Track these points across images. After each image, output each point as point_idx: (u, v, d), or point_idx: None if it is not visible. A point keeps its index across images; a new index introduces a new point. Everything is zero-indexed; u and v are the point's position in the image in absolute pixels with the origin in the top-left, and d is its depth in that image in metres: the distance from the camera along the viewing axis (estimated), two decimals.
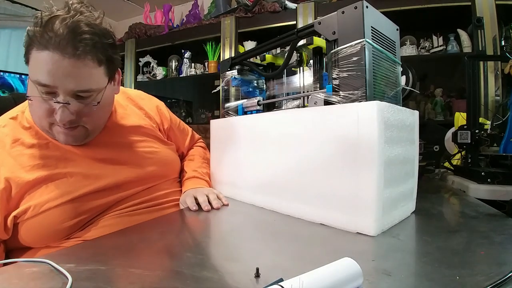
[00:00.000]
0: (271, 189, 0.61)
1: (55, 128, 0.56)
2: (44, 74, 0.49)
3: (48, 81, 0.49)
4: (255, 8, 1.95)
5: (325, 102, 0.54)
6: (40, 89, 0.50)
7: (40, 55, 0.49)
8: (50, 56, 0.48)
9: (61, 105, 0.51)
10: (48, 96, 0.51)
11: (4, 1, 2.24)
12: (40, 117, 0.54)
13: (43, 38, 0.49)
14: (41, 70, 0.49)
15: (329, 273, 0.27)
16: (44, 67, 0.49)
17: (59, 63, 0.49)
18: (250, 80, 0.84)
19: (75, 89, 0.51)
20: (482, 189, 0.77)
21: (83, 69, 0.51)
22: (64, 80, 0.50)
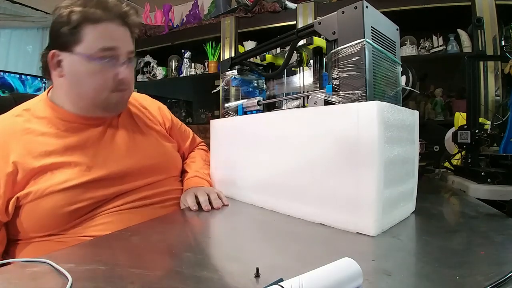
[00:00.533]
0: (271, 189, 0.61)
1: (112, 96, 0.63)
2: (108, 40, 0.60)
3: (113, 44, 0.60)
4: (255, 8, 1.95)
5: (325, 102, 0.54)
6: (103, 54, 0.59)
7: (99, 27, 0.59)
8: (109, 25, 0.60)
9: (125, 65, 0.63)
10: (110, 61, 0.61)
11: (4, 1, 2.24)
12: (102, 86, 0.61)
13: (98, 14, 0.59)
14: (104, 38, 0.59)
15: (329, 273, 0.27)
16: (106, 34, 0.60)
17: (117, 30, 0.61)
18: (250, 80, 0.84)
19: (129, 49, 0.64)
20: (482, 189, 0.77)
21: (127, 34, 0.64)
22: (123, 42, 0.62)
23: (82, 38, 0.58)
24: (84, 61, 0.59)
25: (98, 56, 0.59)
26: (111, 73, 0.61)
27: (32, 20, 2.41)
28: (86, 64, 0.59)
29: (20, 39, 2.40)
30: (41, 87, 2.11)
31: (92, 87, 0.61)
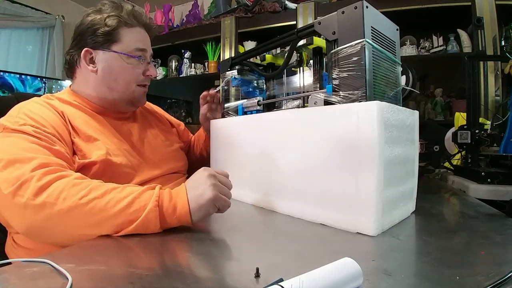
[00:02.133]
0: (271, 189, 0.61)
1: (138, 90, 0.73)
2: (141, 42, 0.72)
3: (144, 46, 0.72)
4: (255, 8, 1.95)
5: (325, 102, 0.54)
6: (137, 54, 0.70)
7: (133, 30, 0.71)
8: (140, 30, 0.73)
9: (151, 63, 0.74)
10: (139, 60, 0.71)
11: (4, 1, 2.24)
12: (131, 81, 0.71)
13: (132, 20, 0.71)
14: (138, 41, 0.71)
15: (329, 273, 0.27)
16: (139, 38, 0.72)
17: (145, 35, 0.74)
18: (250, 80, 0.84)
19: (152, 52, 0.76)
20: (482, 189, 0.77)
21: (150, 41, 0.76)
22: (148, 45, 0.74)
23: (120, 39, 0.69)
24: (121, 58, 0.69)
25: (133, 54, 0.70)
26: (141, 70, 0.72)
27: (32, 20, 2.41)
28: (123, 61, 0.69)
29: (20, 39, 2.40)
30: (41, 87, 2.11)
31: (125, 80, 0.70)
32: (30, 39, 2.46)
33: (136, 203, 0.46)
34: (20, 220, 0.47)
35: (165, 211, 0.47)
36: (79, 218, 0.45)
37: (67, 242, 0.47)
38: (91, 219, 0.45)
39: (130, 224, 0.45)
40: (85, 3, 2.78)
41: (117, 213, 0.45)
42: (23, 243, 0.58)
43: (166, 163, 0.76)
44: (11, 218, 0.49)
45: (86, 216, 0.45)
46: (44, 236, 0.49)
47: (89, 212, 0.45)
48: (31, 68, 2.42)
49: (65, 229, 0.47)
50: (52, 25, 2.53)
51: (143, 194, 0.47)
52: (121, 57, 0.69)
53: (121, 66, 0.69)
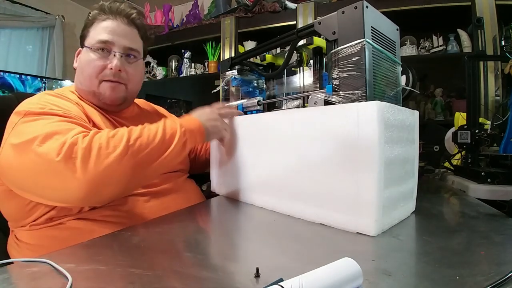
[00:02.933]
0: (271, 189, 0.61)
1: (103, 85, 0.69)
2: (105, 34, 0.68)
3: (108, 38, 0.68)
4: (255, 8, 1.95)
5: (325, 102, 0.54)
6: (99, 46, 0.68)
7: (102, 23, 0.69)
8: (111, 22, 0.69)
9: (117, 56, 0.68)
10: (104, 53, 0.68)
11: (4, 1, 2.23)
12: (92, 75, 0.68)
13: (106, 13, 0.69)
14: (102, 32, 0.68)
15: (329, 273, 0.27)
16: (105, 30, 0.68)
17: (117, 27, 0.69)
18: (250, 80, 0.84)
19: (127, 45, 0.70)
20: (482, 189, 0.77)
21: (132, 33, 0.72)
22: (120, 38, 0.69)
23: (89, 34, 0.70)
24: (86, 52, 0.69)
25: (95, 47, 0.68)
26: (104, 63, 0.68)
27: (32, 20, 2.41)
28: (87, 54, 0.69)
29: (20, 39, 2.40)
30: (41, 87, 2.11)
31: (88, 74, 0.68)
32: (30, 39, 2.46)
33: (168, 130, 0.56)
34: (78, 182, 0.48)
35: (186, 126, 0.59)
36: (133, 157, 0.51)
37: (124, 190, 0.54)
38: (143, 155, 0.52)
39: (170, 145, 0.55)
40: (85, 3, 2.78)
41: (160, 142, 0.54)
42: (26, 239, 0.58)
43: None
44: (66, 186, 0.49)
45: (138, 153, 0.51)
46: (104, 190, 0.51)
47: (139, 149, 0.51)
48: (31, 68, 2.42)
49: (123, 174, 0.51)
50: (52, 25, 2.53)
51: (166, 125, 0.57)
52: (87, 51, 0.69)
53: (85, 59, 0.69)
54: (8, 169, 0.53)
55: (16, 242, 0.60)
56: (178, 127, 0.58)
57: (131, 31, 0.72)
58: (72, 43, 2.66)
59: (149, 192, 0.66)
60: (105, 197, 0.54)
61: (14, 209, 0.59)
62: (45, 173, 0.49)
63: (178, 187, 0.73)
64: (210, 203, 0.72)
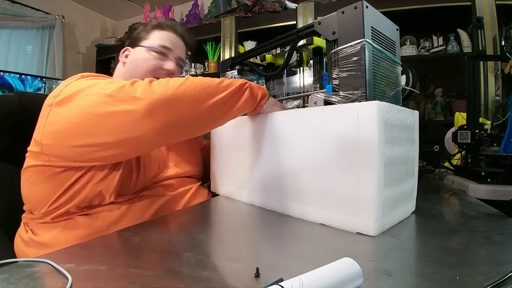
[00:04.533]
0: (271, 189, 0.61)
1: None
2: (167, 41, 0.79)
3: (169, 45, 0.79)
4: (255, 8, 1.95)
5: (325, 102, 0.54)
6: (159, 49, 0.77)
7: (163, 32, 0.81)
8: (171, 34, 0.81)
9: (173, 61, 0.79)
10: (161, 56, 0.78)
11: (4, 1, 2.24)
12: (148, 70, 0.75)
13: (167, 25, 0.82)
14: (164, 39, 0.79)
15: (329, 273, 0.27)
16: (167, 38, 0.80)
17: (175, 39, 0.81)
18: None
19: (180, 55, 0.82)
20: (482, 189, 0.77)
21: (183, 48, 0.85)
22: (176, 48, 0.81)
23: (149, 37, 0.79)
24: (144, 51, 0.77)
25: (156, 49, 0.77)
26: (160, 63, 0.77)
27: (32, 20, 2.41)
28: (146, 53, 0.77)
29: (20, 39, 2.40)
30: (41, 87, 2.11)
31: (144, 69, 0.75)
32: (30, 39, 2.46)
33: (227, 80, 0.57)
34: (145, 99, 0.49)
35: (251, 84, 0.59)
36: (194, 87, 0.52)
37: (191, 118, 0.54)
38: (203, 88, 0.53)
39: (230, 87, 0.55)
40: (85, 3, 2.78)
41: (219, 82, 0.55)
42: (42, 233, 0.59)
43: (186, 165, 0.78)
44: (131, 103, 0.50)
45: (197, 86, 0.52)
46: (173, 109, 0.51)
47: (199, 84, 0.53)
48: (31, 68, 2.42)
49: (189, 96, 0.52)
50: (52, 25, 2.53)
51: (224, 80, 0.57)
52: (145, 50, 0.77)
53: (143, 56, 0.77)
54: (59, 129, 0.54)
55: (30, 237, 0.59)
56: (239, 80, 0.59)
57: (183, 46, 0.84)
58: (72, 43, 2.66)
59: (167, 195, 0.68)
60: (174, 119, 0.52)
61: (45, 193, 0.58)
62: (109, 103, 0.50)
63: (193, 192, 0.74)
64: (210, 203, 0.72)
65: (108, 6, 2.81)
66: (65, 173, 0.57)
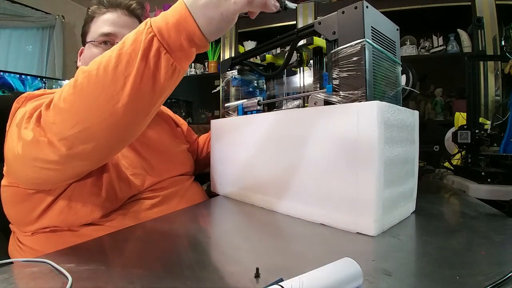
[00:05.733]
0: (271, 189, 0.61)
1: None
2: (107, 26, 0.67)
3: (110, 30, 0.66)
4: None
5: (325, 102, 0.54)
6: (102, 39, 0.67)
7: (102, 17, 0.68)
8: (111, 14, 0.68)
9: None
10: (107, 46, 0.66)
11: (4, 1, 2.23)
12: None
13: (105, 6, 0.69)
14: (104, 25, 0.67)
15: (329, 273, 0.27)
16: (106, 22, 0.67)
17: (118, 18, 0.68)
18: (250, 80, 0.84)
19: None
20: (482, 189, 0.77)
21: (134, 24, 0.70)
22: (122, 29, 0.67)
23: (90, 29, 0.69)
24: (89, 48, 0.68)
25: (98, 41, 0.67)
26: None
27: (32, 20, 2.41)
28: (90, 50, 0.68)
29: (20, 39, 2.40)
30: (41, 87, 2.11)
31: None
32: (30, 39, 2.46)
33: (127, 41, 0.38)
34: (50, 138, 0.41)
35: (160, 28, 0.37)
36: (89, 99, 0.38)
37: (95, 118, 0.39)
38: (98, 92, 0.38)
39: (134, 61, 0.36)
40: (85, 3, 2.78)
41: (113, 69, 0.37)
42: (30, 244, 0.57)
43: (174, 166, 0.74)
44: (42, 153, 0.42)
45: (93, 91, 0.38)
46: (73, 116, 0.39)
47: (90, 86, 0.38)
48: (31, 68, 2.42)
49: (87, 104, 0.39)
50: (52, 25, 2.53)
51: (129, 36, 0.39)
52: (90, 47, 0.68)
53: (89, 55, 0.68)
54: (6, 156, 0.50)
55: (19, 245, 0.59)
56: (142, 32, 0.38)
57: (132, 21, 0.70)
58: (72, 43, 2.66)
59: (157, 196, 0.66)
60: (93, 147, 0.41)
61: (21, 214, 0.57)
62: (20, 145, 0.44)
63: (185, 191, 0.73)
64: (210, 203, 0.72)
65: None
66: (38, 195, 0.53)
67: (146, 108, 0.41)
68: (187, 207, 0.67)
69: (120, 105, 0.38)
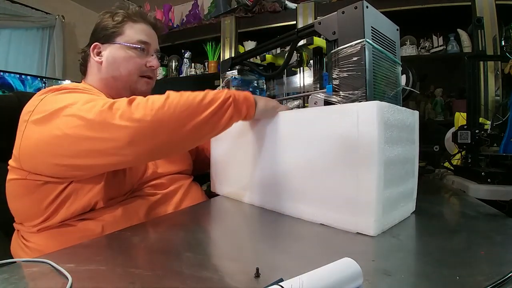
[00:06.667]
0: (271, 189, 0.61)
1: (140, 80, 0.76)
2: (144, 35, 0.75)
3: (147, 39, 0.75)
4: (255, 8, 1.95)
5: (325, 102, 0.54)
6: (139, 46, 0.74)
7: (137, 25, 0.75)
8: (145, 26, 0.77)
9: (155, 56, 0.77)
10: (144, 52, 0.75)
11: (4, 1, 2.23)
12: (132, 70, 0.73)
13: (138, 17, 0.76)
14: (141, 34, 0.75)
15: (329, 273, 0.27)
16: (143, 32, 0.76)
17: (149, 31, 0.78)
18: (250, 80, 0.84)
19: (157, 47, 0.80)
20: (482, 189, 0.77)
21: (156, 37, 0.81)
22: (153, 40, 0.78)
23: (124, 32, 0.74)
24: (124, 49, 0.73)
25: (136, 45, 0.73)
26: (143, 61, 0.75)
27: (32, 20, 2.41)
28: (125, 51, 0.73)
29: (20, 39, 2.40)
30: (41, 87, 2.11)
31: (127, 69, 0.73)
32: (30, 39, 2.46)
33: (210, 93, 0.53)
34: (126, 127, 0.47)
35: (233, 93, 0.55)
36: (176, 108, 0.49)
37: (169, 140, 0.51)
38: (185, 108, 0.50)
39: (212, 104, 0.52)
40: (85, 3, 2.78)
41: (200, 100, 0.51)
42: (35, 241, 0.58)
43: (173, 163, 0.76)
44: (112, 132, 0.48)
45: (177, 107, 0.49)
46: (153, 134, 0.49)
47: (179, 104, 0.50)
48: (31, 68, 2.42)
49: (167, 121, 0.49)
50: (52, 25, 2.53)
51: (210, 91, 0.54)
52: (123, 48, 0.73)
53: (123, 56, 0.73)
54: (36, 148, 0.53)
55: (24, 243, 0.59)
56: (224, 92, 0.55)
57: (155, 35, 0.80)
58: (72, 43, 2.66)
59: (158, 194, 0.67)
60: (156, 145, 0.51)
61: (29, 205, 0.57)
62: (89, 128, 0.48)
63: (185, 189, 0.73)
64: (210, 203, 0.72)
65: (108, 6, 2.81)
66: (46, 185, 0.56)
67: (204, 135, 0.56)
68: (187, 207, 0.67)
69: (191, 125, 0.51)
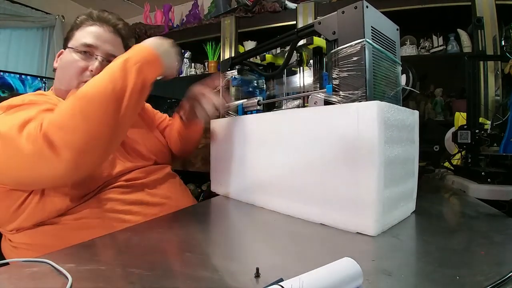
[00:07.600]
0: (271, 189, 0.61)
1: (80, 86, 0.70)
2: (90, 38, 0.71)
3: (92, 42, 0.71)
4: (255, 8, 1.95)
5: (325, 102, 0.54)
6: (83, 48, 0.71)
7: (88, 28, 0.73)
8: (97, 28, 0.73)
9: (98, 59, 0.71)
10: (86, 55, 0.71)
11: (4, 1, 2.23)
12: (73, 75, 0.70)
13: (93, 19, 0.74)
14: (88, 36, 0.72)
15: (329, 273, 0.27)
16: (91, 34, 0.72)
17: (102, 33, 0.73)
18: (250, 80, 0.84)
19: (110, 51, 0.73)
20: (482, 189, 0.77)
21: (116, 41, 0.76)
22: (103, 43, 0.72)
23: (73, 36, 0.73)
24: (69, 53, 0.72)
25: (79, 49, 0.71)
26: (85, 65, 0.71)
27: (32, 20, 2.41)
28: (70, 55, 0.71)
29: (20, 39, 2.40)
30: (41, 87, 2.11)
31: (69, 74, 0.71)
32: (30, 39, 2.46)
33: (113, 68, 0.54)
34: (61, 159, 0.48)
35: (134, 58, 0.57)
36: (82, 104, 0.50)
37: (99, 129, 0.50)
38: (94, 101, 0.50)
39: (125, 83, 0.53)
40: (85, 3, 2.78)
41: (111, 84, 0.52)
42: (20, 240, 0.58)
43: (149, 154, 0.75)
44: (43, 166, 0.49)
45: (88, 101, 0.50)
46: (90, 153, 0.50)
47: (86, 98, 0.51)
48: (31, 68, 2.42)
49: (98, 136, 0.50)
50: (52, 25, 2.53)
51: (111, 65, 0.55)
52: (70, 51, 0.72)
53: (68, 60, 0.72)
54: None
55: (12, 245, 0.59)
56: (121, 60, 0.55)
57: (116, 39, 0.75)
58: None
59: (133, 185, 0.66)
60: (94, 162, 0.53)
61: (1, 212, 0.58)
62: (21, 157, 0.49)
63: (162, 180, 0.73)
64: (210, 203, 0.72)
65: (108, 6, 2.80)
66: (13, 192, 0.56)
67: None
68: (187, 207, 0.67)
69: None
